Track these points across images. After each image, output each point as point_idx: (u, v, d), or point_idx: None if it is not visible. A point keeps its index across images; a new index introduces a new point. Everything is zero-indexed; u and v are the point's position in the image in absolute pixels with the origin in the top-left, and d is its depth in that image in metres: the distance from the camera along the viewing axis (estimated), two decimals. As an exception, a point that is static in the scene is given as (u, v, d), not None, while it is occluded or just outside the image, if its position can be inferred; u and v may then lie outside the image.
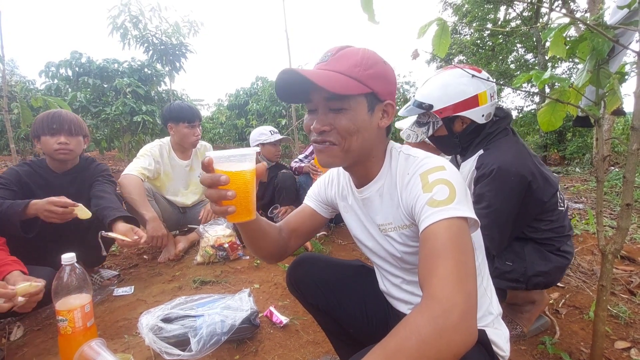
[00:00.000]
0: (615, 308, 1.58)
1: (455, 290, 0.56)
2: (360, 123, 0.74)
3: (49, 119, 1.60)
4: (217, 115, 12.67)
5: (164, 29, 6.19)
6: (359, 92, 0.72)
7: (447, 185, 0.67)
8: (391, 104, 0.78)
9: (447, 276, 0.57)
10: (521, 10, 10.48)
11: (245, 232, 0.84)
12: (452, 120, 1.29)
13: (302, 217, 1.00)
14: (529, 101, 11.33)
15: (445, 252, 0.60)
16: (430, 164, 0.73)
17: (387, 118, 0.78)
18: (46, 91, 5.86)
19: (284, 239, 0.95)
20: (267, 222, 0.88)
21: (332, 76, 0.70)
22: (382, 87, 0.75)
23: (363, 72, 0.72)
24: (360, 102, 0.74)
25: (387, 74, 0.77)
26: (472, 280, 0.59)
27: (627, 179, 0.96)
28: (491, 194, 1.18)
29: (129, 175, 2.07)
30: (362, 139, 0.75)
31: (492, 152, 1.24)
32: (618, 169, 6.41)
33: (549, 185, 1.22)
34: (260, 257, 0.93)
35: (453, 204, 0.65)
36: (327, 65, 0.74)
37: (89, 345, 0.97)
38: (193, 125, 2.30)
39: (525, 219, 1.25)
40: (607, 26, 0.97)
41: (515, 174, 1.16)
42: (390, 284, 0.92)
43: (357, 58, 0.73)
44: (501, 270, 1.26)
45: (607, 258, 1.04)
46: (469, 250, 0.62)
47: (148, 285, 1.80)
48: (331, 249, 2.34)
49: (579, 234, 2.58)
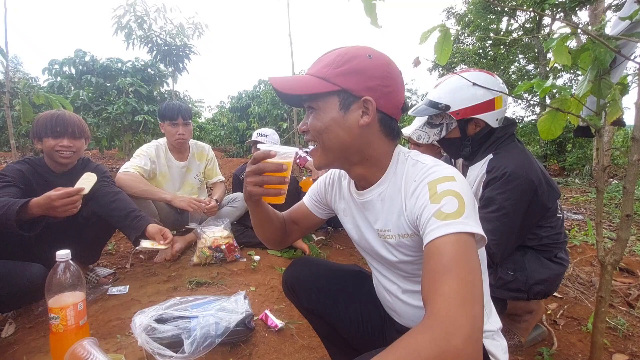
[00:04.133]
0: (614, 320, 1.56)
1: (461, 312, 0.53)
2: (327, 121, 0.74)
3: (53, 121, 1.56)
4: (219, 117, 12.70)
5: (169, 30, 6.22)
6: (322, 90, 0.73)
7: (456, 197, 0.64)
8: (369, 100, 0.73)
9: (453, 296, 0.54)
10: (523, 22, 10.58)
11: (261, 216, 0.91)
12: (467, 122, 1.29)
13: (300, 213, 1.03)
14: (530, 111, 11.39)
15: (452, 270, 0.57)
16: (440, 173, 0.69)
17: (367, 116, 0.74)
18: (49, 89, 5.87)
19: (286, 230, 1.01)
20: (274, 211, 0.96)
21: (297, 79, 0.76)
22: (356, 83, 0.72)
23: (332, 70, 0.73)
24: (329, 101, 0.74)
25: (366, 69, 0.73)
26: (479, 302, 0.56)
27: (627, 190, 0.96)
28: (502, 197, 1.17)
29: (127, 172, 2.07)
30: (336, 137, 0.75)
31: (503, 156, 1.24)
32: (617, 180, 6.41)
33: (554, 191, 1.23)
34: (263, 240, 1.00)
35: (461, 218, 0.61)
36: (308, 70, 0.79)
37: (81, 344, 0.95)
38: (175, 124, 2.23)
39: (529, 225, 1.25)
40: (609, 37, 0.97)
41: (526, 178, 1.16)
42: (386, 291, 0.91)
43: (331, 58, 0.75)
44: (504, 280, 1.25)
45: (606, 269, 1.03)
46: (476, 270, 0.59)
47: (143, 285, 1.79)
48: (329, 253, 2.33)
49: (577, 245, 2.57)
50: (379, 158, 0.79)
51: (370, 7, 0.89)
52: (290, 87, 0.75)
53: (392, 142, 0.80)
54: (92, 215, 1.71)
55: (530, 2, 7.41)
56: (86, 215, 1.71)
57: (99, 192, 1.72)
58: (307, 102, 0.78)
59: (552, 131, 1.14)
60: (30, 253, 1.47)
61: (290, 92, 0.74)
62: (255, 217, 0.92)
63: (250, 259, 2.11)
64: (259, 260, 2.09)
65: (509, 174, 1.17)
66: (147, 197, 2.06)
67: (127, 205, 1.72)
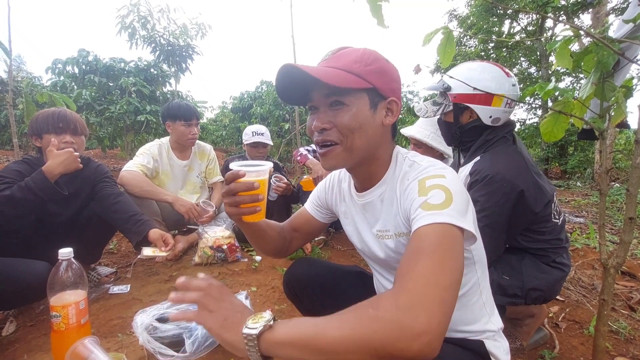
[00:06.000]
0: (616, 324, 1.56)
1: (431, 291, 0.51)
2: (362, 119, 0.72)
3: (55, 118, 1.56)
4: (221, 117, 12.73)
5: (172, 30, 6.25)
6: (358, 86, 0.70)
7: (443, 190, 0.64)
8: (395, 101, 0.76)
9: (426, 275, 0.53)
10: (525, 25, 10.58)
11: (251, 231, 0.90)
12: (462, 110, 1.30)
13: (302, 219, 1.02)
14: (532, 114, 11.37)
15: (430, 253, 0.56)
16: (432, 171, 0.70)
17: (391, 116, 0.76)
18: (52, 88, 5.89)
19: (285, 239, 0.99)
20: (267, 223, 0.94)
21: (330, 71, 0.70)
22: (383, 83, 0.74)
23: (363, 67, 0.71)
24: (361, 98, 0.72)
25: (389, 71, 0.75)
26: (453, 290, 0.53)
27: (630, 193, 0.96)
28: (484, 198, 1.17)
29: (131, 171, 2.08)
30: (366, 136, 0.73)
31: (487, 159, 1.24)
32: (619, 184, 6.40)
33: (542, 195, 1.21)
34: (262, 252, 0.99)
35: (447, 210, 0.61)
36: (327, 63, 0.74)
37: (82, 342, 0.95)
38: (190, 124, 2.30)
39: (516, 228, 1.23)
40: (612, 39, 0.97)
41: (508, 181, 1.15)
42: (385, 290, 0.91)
43: (357, 54, 0.73)
44: (500, 284, 1.24)
45: (609, 272, 1.02)
46: (457, 260, 0.57)
47: (144, 284, 1.79)
48: (330, 255, 2.32)
49: (579, 248, 2.57)
50: (385, 158, 0.80)
51: (377, 8, 0.89)
52: (325, 76, 0.67)
53: (394, 143, 0.83)
54: (93, 215, 1.71)
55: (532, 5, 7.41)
56: (88, 215, 1.72)
57: (101, 193, 1.72)
58: (334, 97, 0.72)
59: (555, 133, 1.14)
60: (32, 251, 1.47)
61: (323, 79, 0.66)
62: (246, 232, 0.91)
63: (251, 259, 2.11)
64: (260, 260, 2.09)
65: (490, 177, 1.16)
66: (149, 197, 2.07)
67: (129, 208, 1.72)
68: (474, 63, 1.32)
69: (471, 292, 0.80)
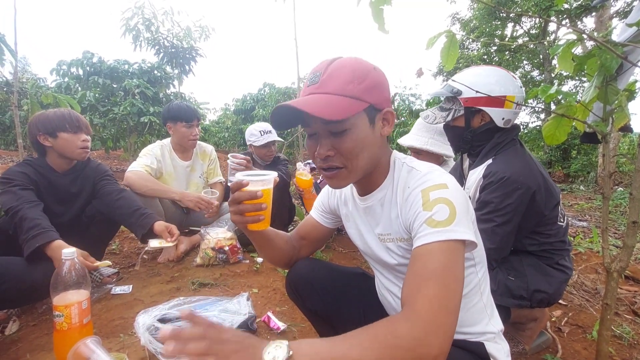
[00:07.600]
0: (619, 328, 1.55)
1: (441, 315, 0.57)
2: (364, 139, 0.72)
3: (72, 117, 1.58)
4: (224, 119, 12.77)
5: (176, 32, 6.30)
6: (357, 110, 0.69)
7: (447, 205, 0.66)
8: (390, 111, 0.77)
9: (435, 300, 0.58)
10: (528, 28, 10.58)
11: (259, 240, 0.91)
12: (474, 113, 1.30)
13: (308, 226, 1.03)
14: (534, 117, 11.34)
15: (437, 276, 0.60)
16: (433, 181, 0.70)
17: (388, 125, 0.77)
18: (56, 89, 5.94)
19: (293, 247, 1.00)
20: (274, 232, 0.95)
21: (327, 101, 0.68)
22: (378, 97, 0.73)
23: (357, 86, 0.70)
24: (360, 118, 0.71)
25: (380, 81, 0.75)
26: (456, 312, 0.60)
27: (633, 196, 0.96)
28: (498, 199, 1.17)
29: (136, 171, 2.09)
30: (369, 154, 0.74)
31: (501, 161, 1.24)
32: (623, 188, 6.36)
33: (551, 197, 1.22)
34: (270, 261, 1.00)
35: (451, 226, 0.64)
36: (319, 87, 0.71)
37: (84, 342, 0.96)
38: (191, 125, 2.30)
39: (523, 230, 1.24)
40: (615, 43, 0.97)
41: (522, 183, 1.16)
42: (388, 292, 0.91)
43: (348, 73, 0.70)
44: (507, 286, 1.24)
45: (612, 276, 1.02)
46: (459, 279, 0.62)
47: (146, 285, 1.79)
48: (332, 257, 2.32)
49: (582, 252, 2.55)
50: (384, 164, 0.81)
51: (378, 12, 0.90)
52: (324, 111, 0.65)
53: (389, 148, 0.84)
54: (96, 213, 1.72)
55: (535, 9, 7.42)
56: (90, 214, 1.73)
57: (103, 190, 1.73)
58: (333, 125, 0.70)
59: (557, 137, 1.14)
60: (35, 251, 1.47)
61: (324, 117, 0.65)
62: (254, 242, 0.92)
63: (253, 261, 2.11)
64: (262, 262, 2.09)
65: (507, 178, 1.17)
66: (156, 195, 2.09)
67: (133, 203, 1.73)
68: (478, 67, 1.33)
69: (472, 294, 0.80)
